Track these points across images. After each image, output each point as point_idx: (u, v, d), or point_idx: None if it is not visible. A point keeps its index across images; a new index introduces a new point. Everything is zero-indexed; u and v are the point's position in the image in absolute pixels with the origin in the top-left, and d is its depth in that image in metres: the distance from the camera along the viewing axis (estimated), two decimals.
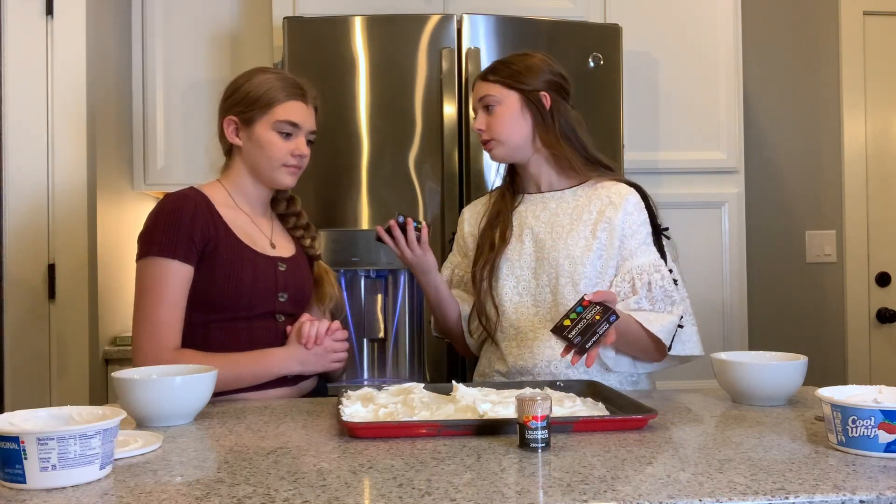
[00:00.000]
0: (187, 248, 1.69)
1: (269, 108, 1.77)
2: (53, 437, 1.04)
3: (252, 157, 1.80)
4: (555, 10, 2.86)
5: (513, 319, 1.86)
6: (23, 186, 2.57)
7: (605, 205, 1.84)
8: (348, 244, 2.49)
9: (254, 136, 1.79)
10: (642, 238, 1.83)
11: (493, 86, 1.87)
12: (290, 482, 1.07)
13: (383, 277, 2.56)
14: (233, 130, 1.81)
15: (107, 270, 2.76)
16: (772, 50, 3.46)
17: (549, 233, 1.86)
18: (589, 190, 1.87)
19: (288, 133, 1.78)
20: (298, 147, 1.79)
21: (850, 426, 1.17)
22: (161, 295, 1.67)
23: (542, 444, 1.21)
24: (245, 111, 1.79)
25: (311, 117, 1.83)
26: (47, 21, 2.60)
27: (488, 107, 1.87)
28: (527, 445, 1.22)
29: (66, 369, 2.59)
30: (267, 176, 1.81)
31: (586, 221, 1.84)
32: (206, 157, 3.01)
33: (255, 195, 1.85)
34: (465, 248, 2.03)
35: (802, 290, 3.46)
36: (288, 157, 1.79)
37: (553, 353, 1.80)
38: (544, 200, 1.90)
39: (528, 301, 1.86)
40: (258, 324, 1.76)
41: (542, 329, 1.82)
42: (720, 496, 0.98)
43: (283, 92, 1.78)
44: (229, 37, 3.07)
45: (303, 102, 1.81)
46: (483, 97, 1.87)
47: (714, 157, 3.01)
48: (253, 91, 1.78)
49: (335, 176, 2.53)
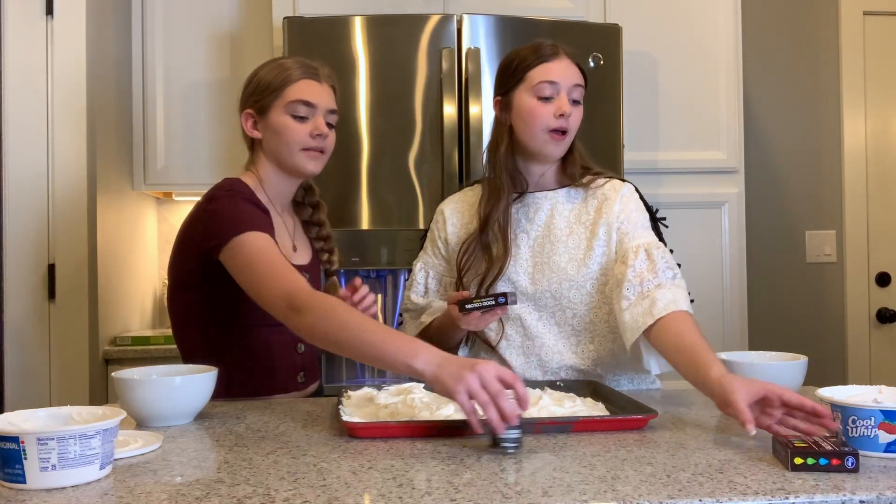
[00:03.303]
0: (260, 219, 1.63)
1: (280, 91, 1.71)
2: (53, 437, 1.04)
3: (272, 146, 1.73)
4: (555, 10, 2.86)
5: (517, 328, 1.78)
6: (23, 186, 2.57)
7: (601, 201, 1.78)
8: (348, 244, 2.49)
9: (270, 124, 1.72)
10: (640, 221, 1.77)
11: (582, 79, 1.76)
12: (290, 482, 1.07)
13: (383, 277, 2.56)
14: (251, 124, 1.75)
15: (107, 270, 2.76)
16: (772, 50, 3.46)
17: (547, 236, 1.77)
18: (583, 191, 1.80)
19: (303, 116, 1.71)
20: (317, 126, 1.71)
21: (851, 426, 1.17)
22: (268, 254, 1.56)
23: (514, 445, 1.20)
24: (259, 100, 1.73)
25: (327, 96, 1.74)
26: (47, 21, 2.60)
27: (576, 98, 1.74)
28: (497, 446, 1.21)
29: (66, 369, 2.59)
30: (289, 164, 1.73)
31: (585, 222, 1.77)
32: (211, 153, 3.02)
33: (281, 190, 1.78)
34: (444, 251, 1.88)
35: (802, 290, 3.46)
36: (306, 139, 1.70)
37: (563, 357, 1.75)
38: (536, 201, 1.80)
39: (530, 307, 1.77)
40: (272, 329, 1.70)
41: (548, 336, 1.76)
42: (720, 496, 0.98)
43: (294, 72, 1.72)
44: (229, 37, 3.07)
45: (315, 81, 1.73)
46: (578, 85, 1.74)
47: (714, 157, 3.01)
48: (264, 78, 1.73)
49: (335, 176, 2.52)
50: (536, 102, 1.72)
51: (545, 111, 1.71)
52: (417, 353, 1.31)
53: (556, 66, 1.73)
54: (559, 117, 1.70)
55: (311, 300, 1.45)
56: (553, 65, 1.73)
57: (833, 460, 1.07)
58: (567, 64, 1.74)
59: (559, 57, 1.74)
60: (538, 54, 1.74)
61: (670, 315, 1.56)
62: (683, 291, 1.63)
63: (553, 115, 1.71)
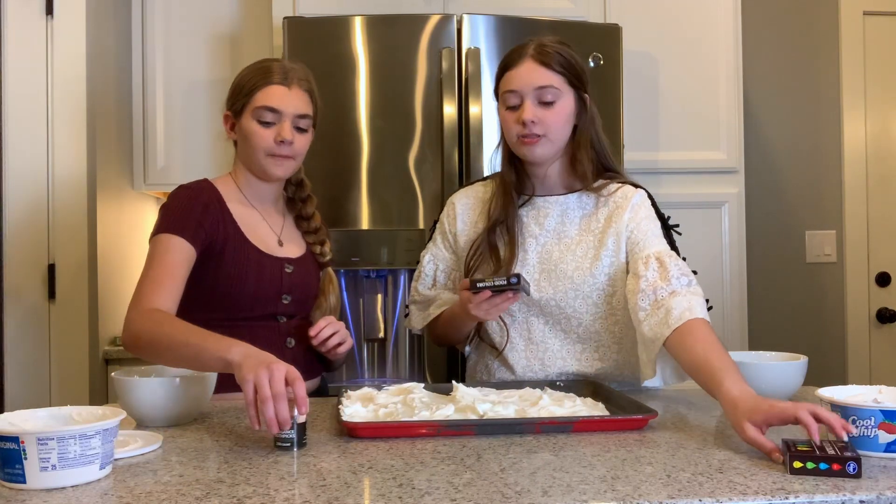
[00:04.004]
0: (195, 230, 1.67)
1: (250, 97, 1.73)
2: (53, 437, 1.04)
3: (242, 150, 1.78)
4: (555, 10, 2.86)
5: (522, 332, 1.78)
6: (23, 186, 2.57)
7: (612, 210, 1.75)
8: (348, 244, 2.49)
9: (241, 128, 1.75)
10: (652, 230, 1.73)
11: (555, 76, 1.69)
12: (290, 482, 1.07)
13: (383, 277, 2.56)
14: (230, 126, 1.79)
15: (107, 270, 2.76)
16: (772, 50, 3.46)
17: (557, 243, 1.75)
18: (595, 197, 1.77)
19: (269, 122, 1.72)
20: (280, 133, 1.71)
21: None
22: (159, 264, 1.64)
23: (289, 445, 1.23)
24: (234, 103, 1.76)
25: (295, 100, 1.73)
26: (47, 21, 2.60)
27: (546, 99, 1.68)
28: (275, 444, 1.25)
29: (66, 369, 2.59)
30: (258, 168, 1.76)
31: (594, 231, 1.74)
32: (211, 153, 3.02)
33: (261, 189, 1.81)
34: (453, 245, 1.87)
35: (802, 290, 3.46)
36: (271, 145, 1.71)
37: (565, 364, 1.75)
38: (547, 206, 1.78)
39: (536, 313, 1.76)
40: (259, 324, 1.75)
41: (553, 342, 1.76)
42: (720, 496, 0.98)
43: (262, 78, 1.73)
44: (229, 37, 3.07)
45: (283, 86, 1.72)
46: (544, 87, 1.68)
47: (714, 157, 3.01)
48: (238, 82, 1.76)
49: (335, 176, 2.52)
50: (505, 112, 1.73)
51: (511, 118, 1.72)
52: (231, 347, 1.38)
53: (516, 73, 1.71)
54: (522, 125, 1.69)
55: (148, 313, 1.55)
56: (513, 73, 1.71)
57: (834, 465, 1.06)
58: (529, 68, 1.69)
59: (521, 62, 1.71)
60: (504, 63, 1.75)
61: (685, 326, 1.52)
62: (700, 298, 1.59)
63: (518, 122, 1.70)
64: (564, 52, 1.72)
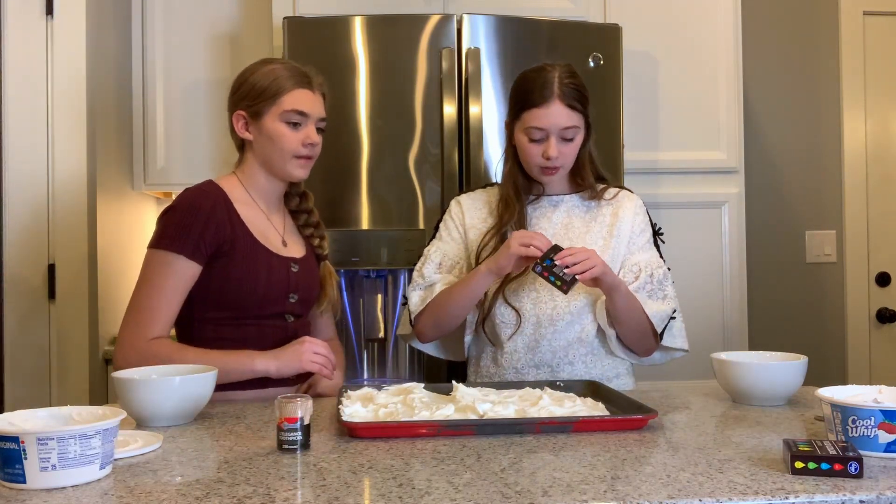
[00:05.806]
0: (196, 246, 1.68)
1: (276, 99, 1.76)
2: (53, 437, 1.04)
3: (263, 150, 1.79)
4: (555, 10, 2.86)
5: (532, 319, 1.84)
6: (23, 186, 2.57)
7: (617, 208, 1.91)
8: (348, 244, 2.49)
9: (263, 129, 1.77)
10: (647, 238, 1.91)
11: (578, 117, 1.81)
12: (290, 482, 1.07)
13: (383, 277, 2.56)
14: (242, 125, 1.80)
15: (107, 270, 2.76)
16: (772, 50, 3.46)
17: (566, 233, 1.88)
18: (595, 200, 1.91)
19: (296, 123, 1.77)
20: (308, 136, 1.77)
21: (850, 426, 1.17)
22: (156, 287, 1.67)
23: (296, 447, 1.23)
24: (253, 104, 1.77)
25: (318, 105, 1.81)
26: (47, 21, 2.60)
27: (568, 137, 1.81)
28: (281, 447, 1.24)
29: (66, 369, 2.59)
30: (280, 169, 1.79)
31: (601, 223, 1.89)
32: (211, 153, 3.02)
33: (269, 189, 1.84)
34: (462, 236, 1.94)
35: (802, 289, 3.46)
36: (299, 147, 1.77)
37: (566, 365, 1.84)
38: (553, 203, 1.91)
39: (546, 296, 1.84)
40: (268, 323, 1.76)
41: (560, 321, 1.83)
42: (720, 496, 0.98)
43: (289, 81, 1.77)
44: (229, 37, 3.07)
45: (309, 90, 1.79)
46: (568, 128, 1.80)
47: (714, 157, 3.00)
48: (259, 83, 1.77)
49: (335, 176, 2.52)
50: (528, 143, 1.82)
51: (535, 151, 1.82)
52: (254, 359, 1.66)
53: (544, 114, 1.79)
54: (546, 158, 1.80)
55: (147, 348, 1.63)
56: (541, 112, 1.79)
57: (835, 465, 1.06)
58: (557, 112, 1.78)
59: (549, 104, 1.79)
60: (530, 99, 1.80)
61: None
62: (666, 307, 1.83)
63: (541, 155, 1.81)
64: (582, 89, 1.82)
